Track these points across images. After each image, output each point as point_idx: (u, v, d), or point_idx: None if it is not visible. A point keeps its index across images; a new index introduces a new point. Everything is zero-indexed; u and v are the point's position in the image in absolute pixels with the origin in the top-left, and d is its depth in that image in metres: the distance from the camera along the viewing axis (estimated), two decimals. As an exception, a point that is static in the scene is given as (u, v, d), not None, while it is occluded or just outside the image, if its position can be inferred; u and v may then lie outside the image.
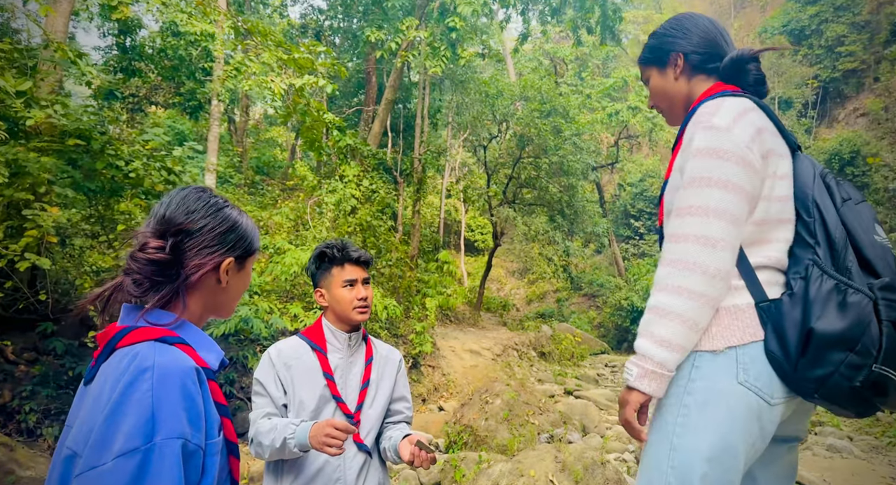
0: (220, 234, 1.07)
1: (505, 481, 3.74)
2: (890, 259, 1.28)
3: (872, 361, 1.18)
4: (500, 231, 17.78)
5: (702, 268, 1.28)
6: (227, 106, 15.81)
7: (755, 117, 1.37)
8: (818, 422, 8.41)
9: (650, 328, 1.32)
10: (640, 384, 1.31)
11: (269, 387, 1.77)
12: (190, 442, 0.90)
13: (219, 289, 1.09)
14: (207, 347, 1.04)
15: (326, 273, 1.87)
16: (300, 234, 11.17)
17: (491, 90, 15.27)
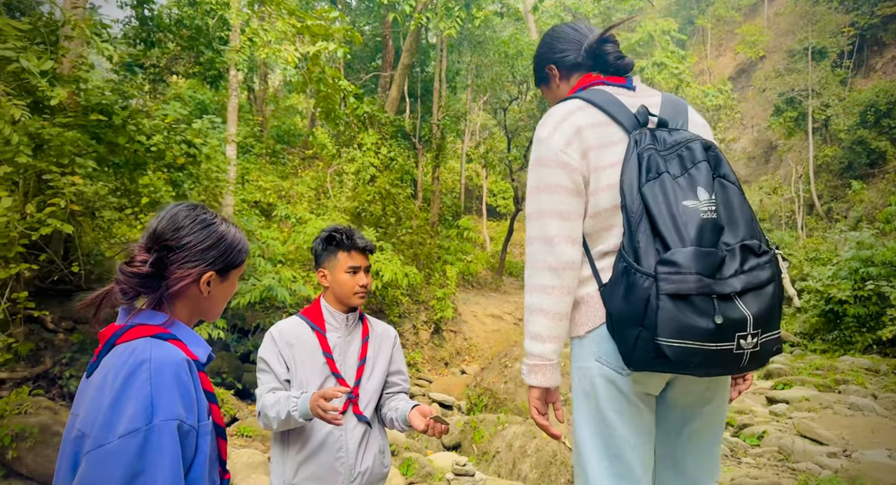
0: (203, 250, 1.16)
1: (518, 442, 3.85)
2: (691, 227, 1.29)
3: (655, 335, 1.25)
4: (522, 195, 17.66)
5: (546, 264, 1.44)
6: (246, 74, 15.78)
7: (576, 118, 1.49)
8: (842, 380, 8.36)
9: (527, 327, 1.47)
10: (531, 380, 1.46)
11: (273, 364, 1.89)
12: (185, 423, 1.02)
13: (202, 297, 1.19)
14: (196, 343, 1.16)
15: (332, 256, 1.96)
16: (321, 203, 11.29)
17: (510, 50, 14.91)
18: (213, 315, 1.26)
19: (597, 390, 1.42)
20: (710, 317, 1.24)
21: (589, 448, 1.43)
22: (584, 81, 1.63)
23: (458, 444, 5.59)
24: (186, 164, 6.25)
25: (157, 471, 0.95)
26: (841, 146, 20.06)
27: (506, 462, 3.78)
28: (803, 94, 20.67)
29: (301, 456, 1.85)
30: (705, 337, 1.24)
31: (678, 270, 1.25)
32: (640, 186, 1.36)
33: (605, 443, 1.41)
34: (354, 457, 1.88)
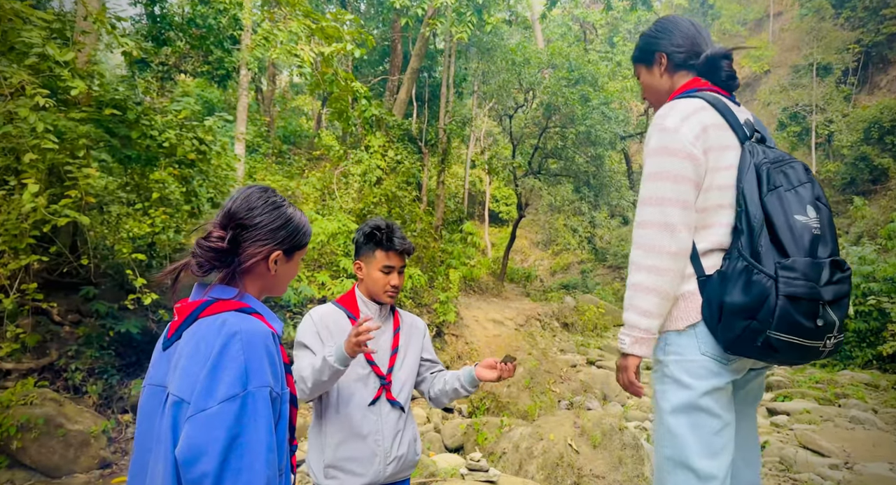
0: (273, 230, 1.25)
1: (525, 443, 3.87)
2: (805, 239, 1.50)
3: (768, 328, 1.45)
4: (525, 202, 17.70)
5: (665, 249, 1.56)
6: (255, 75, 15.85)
7: (703, 116, 1.62)
8: (843, 394, 8.37)
9: (634, 302, 1.59)
10: (634, 349, 1.59)
11: (313, 344, 1.93)
12: (273, 390, 1.12)
13: (269, 275, 1.27)
14: (273, 318, 1.25)
15: (370, 252, 2.00)
16: (327, 204, 11.32)
17: (518, 57, 14.99)
18: (279, 291, 1.35)
19: (697, 381, 1.56)
20: (814, 319, 1.46)
21: (686, 432, 1.57)
22: (694, 84, 1.74)
23: (461, 446, 5.60)
24: (197, 160, 6.28)
25: (254, 433, 1.04)
26: (843, 162, 20.13)
27: (512, 463, 3.80)
28: (807, 109, 20.78)
29: (339, 438, 1.90)
30: (808, 335, 1.47)
31: (797, 275, 1.46)
32: (761, 196, 1.54)
33: (702, 426, 1.56)
34: (391, 442, 1.94)
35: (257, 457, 1.04)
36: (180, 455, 1.03)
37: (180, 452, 1.03)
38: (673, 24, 1.82)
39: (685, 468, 1.57)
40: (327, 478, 1.89)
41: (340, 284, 8.50)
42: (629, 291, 1.61)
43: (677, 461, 1.59)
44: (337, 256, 9.36)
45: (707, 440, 1.56)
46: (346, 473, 1.88)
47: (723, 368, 1.58)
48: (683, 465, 1.57)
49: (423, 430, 6.47)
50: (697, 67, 1.76)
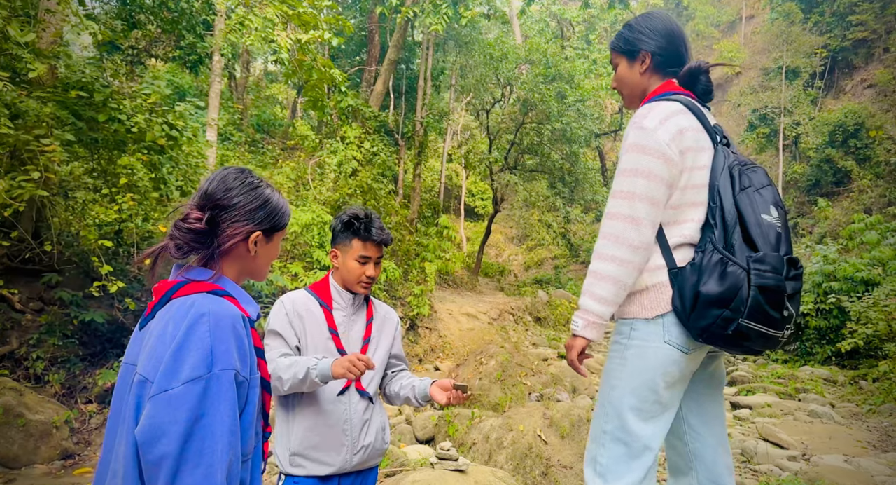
0: (252, 210, 1.24)
1: (495, 434, 3.90)
2: (772, 236, 1.62)
3: (741, 316, 1.56)
4: (501, 197, 17.77)
5: (628, 241, 1.64)
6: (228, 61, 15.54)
7: (680, 119, 1.70)
8: (803, 389, 8.64)
9: (591, 289, 1.67)
10: (585, 332, 1.68)
11: (285, 331, 1.90)
12: (240, 374, 1.11)
13: (249, 256, 1.27)
14: (247, 301, 1.24)
15: (347, 241, 1.98)
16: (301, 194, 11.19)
17: (496, 52, 15.01)
18: (260, 275, 1.34)
19: (658, 367, 1.66)
20: (780, 309, 1.58)
21: (629, 411, 1.68)
22: (669, 87, 1.83)
23: (432, 437, 5.62)
24: (167, 146, 6.13)
25: (217, 415, 1.04)
26: (809, 164, 20.70)
27: (482, 453, 3.83)
28: (776, 111, 21.29)
29: (306, 427, 1.88)
30: (773, 324, 1.58)
31: (767, 268, 1.56)
32: (734, 195, 1.65)
33: (647, 409, 1.67)
34: (359, 431, 1.93)
35: (219, 440, 1.03)
36: (140, 435, 1.02)
37: (140, 432, 1.02)
38: (663, 25, 1.87)
39: (621, 443, 1.68)
40: (293, 466, 1.87)
41: (314, 275, 8.43)
42: (589, 278, 1.69)
43: (615, 436, 1.69)
44: (311, 247, 9.27)
45: (649, 420, 1.68)
46: (312, 461, 1.86)
47: (682, 357, 1.67)
48: (620, 440, 1.68)
49: (395, 421, 6.47)
50: (676, 76, 1.84)
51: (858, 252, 12.86)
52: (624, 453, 1.67)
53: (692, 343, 1.67)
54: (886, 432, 6.13)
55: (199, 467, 1.00)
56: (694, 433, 1.83)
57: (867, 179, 18.66)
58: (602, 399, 1.76)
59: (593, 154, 22.39)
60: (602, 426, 1.74)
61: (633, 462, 1.67)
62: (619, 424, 1.69)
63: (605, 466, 1.70)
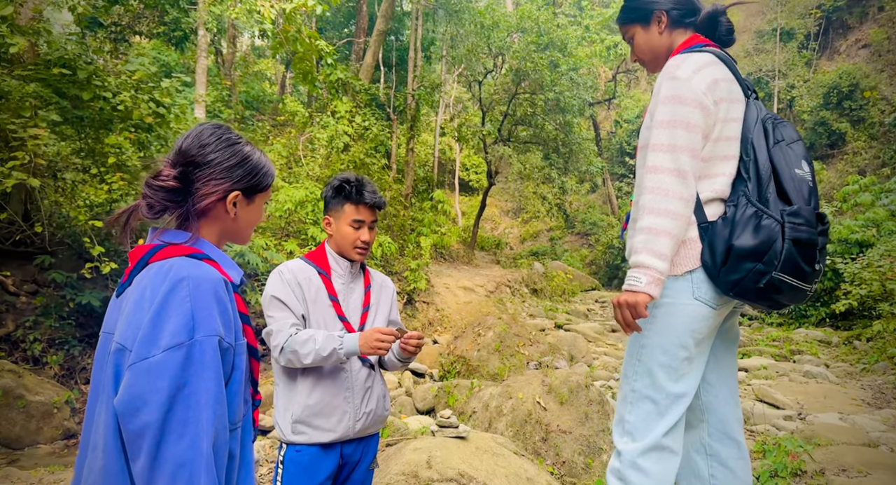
0: (228, 168, 1.17)
1: (494, 402, 3.94)
2: (804, 190, 1.62)
3: (774, 270, 1.56)
4: (495, 170, 17.66)
5: (678, 194, 1.61)
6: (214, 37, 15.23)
7: (713, 70, 1.68)
8: (797, 351, 8.75)
9: (650, 245, 1.61)
10: (650, 289, 1.61)
11: (288, 300, 1.87)
12: (224, 340, 1.05)
13: (229, 218, 1.20)
14: (229, 265, 1.18)
15: (339, 206, 1.95)
16: (293, 171, 11.08)
17: (486, 21, 14.73)
18: (241, 238, 1.27)
19: (688, 324, 1.66)
20: (812, 263, 1.59)
21: (659, 367, 1.68)
22: (696, 40, 1.80)
23: (432, 408, 5.68)
24: (154, 124, 6.03)
25: (201, 383, 0.99)
26: (804, 127, 20.58)
27: (482, 421, 3.87)
28: (770, 74, 21.08)
29: (308, 394, 1.88)
30: (804, 278, 1.59)
31: (802, 222, 1.57)
32: (768, 148, 1.65)
33: (675, 367, 1.67)
34: (361, 398, 1.94)
35: (205, 408, 0.98)
36: (120, 405, 0.97)
37: (120, 402, 0.97)
38: None
39: (650, 401, 1.68)
40: (295, 434, 1.87)
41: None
42: (643, 235, 1.63)
43: (644, 394, 1.70)
44: (305, 223, 9.22)
45: (679, 378, 1.68)
46: (314, 428, 1.87)
47: (711, 313, 1.67)
48: (649, 398, 1.69)
49: (395, 394, 6.53)
50: (695, 24, 1.82)
51: (852, 214, 12.89)
52: (652, 410, 1.69)
53: (721, 299, 1.67)
54: (880, 389, 6.22)
55: (183, 437, 0.96)
56: (707, 386, 1.84)
57: (861, 141, 18.60)
58: (630, 358, 1.76)
59: (587, 124, 22.22)
60: (631, 385, 1.74)
61: (661, 420, 1.68)
62: (650, 381, 1.69)
63: (632, 424, 1.71)
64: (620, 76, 23.81)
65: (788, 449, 3.70)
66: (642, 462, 1.67)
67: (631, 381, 1.74)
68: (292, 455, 1.87)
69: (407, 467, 2.65)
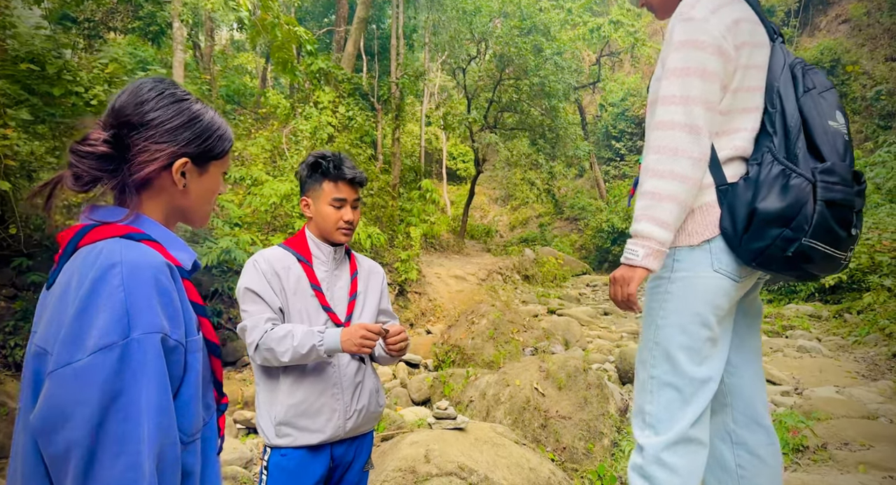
0: (172, 129, 0.96)
1: (492, 390, 3.88)
2: (839, 144, 1.42)
3: (804, 236, 1.37)
4: (482, 157, 17.56)
5: (688, 153, 1.40)
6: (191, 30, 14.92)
7: (733, 9, 1.47)
8: (789, 326, 8.79)
9: (651, 212, 1.43)
10: (648, 262, 1.44)
11: (264, 292, 1.71)
12: (169, 337, 0.86)
13: (178, 192, 0.99)
14: (177, 246, 0.98)
15: (316, 185, 1.79)
16: (277, 164, 10.90)
17: (468, 6, 14.56)
18: (196, 217, 1.06)
19: (708, 299, 1.47)
20: (848, 227, 1.40)
21: (679, 350, 1.50)
22: None
23: (428, 399, 5.61)
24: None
25: (140, 391, 0.80)
26: (788, 105, 20.65)
27: (480, 410, 3.81)
28: (754, 54, 21.08)
29: (292, 393, 1.72)
30: (838, 244, 1.40)
31: (836, 180, 1.36)
32: (797, 98, 1.44)
33: (701, 347, 1.49)
34: (350, 394, 1.78)
35: (146, 420, 0.80)
36: (37, 421, 0.78)
37: (37, 417, 0.78)
38: None
39: (672, 388, 1.51)
40: (279, 437, 1.71)
41: (297, 245, 8.28)
42: (644, 200, 1.44)
43: (665, 381, 1.52)
44: (292, 217, 9.08)
45: (702, 361, 1.51)
46: (300, 430, 1.71)
47: (733, 286, 1.50)
48: (671, 385, 1.51)
49: (389, 385, 6.46)
50: None
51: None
52: (675, 398, 1.50)
53: (743, 270, 1.49)
54: (873, 361, 6.24)
55: (119, 457, 0.77)
56: (731, 368, 1.67)
57: (845, 118, 18.71)
58: (646, 342, 1.58)
59: (573, 108, 22.14)
60: (649, 372, 1.55)
61: (686, 408, 1.49)
62: (670, 367, 1.51)
63: (654, 415, 1.53)
64: (604, 59, 23.72)
65: (789, 425, 3.67)
66: (668, 457, 1.48)
67: (649, 367, 1.56)
68: (277, 460, 1.72)
69: (404, 463, 2.56)
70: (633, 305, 1.52)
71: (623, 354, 6.18)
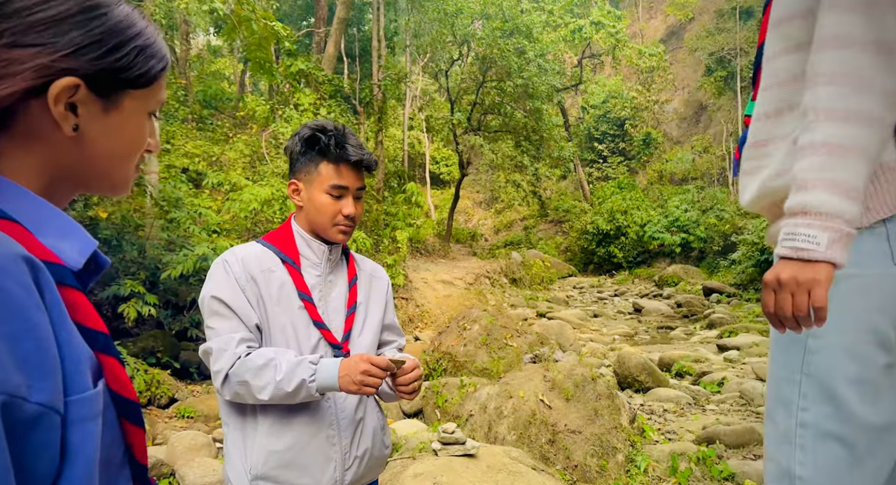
0: (47, 23, 0.54)
1: (493, 403, 3.63)
2: None
3: None
4: (467, 160, 17.38)
5: (879, 84, 0.91)
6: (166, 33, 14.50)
7: None
8: (784, 327, 8.70)
9: (829, 174, 0.92)
10: (835, 253, 0.91)
11: (236, 303, 1.29)
12: (24, 400, 0.45)
13: (65, 139, 0.57)
14: (59, 231, 0.57)
15: (311, 166, 1.36)
16: (257, 169, 10.57)
17: (450, 7, 14.38)
18: (104, 183, 0.64)
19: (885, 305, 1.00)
20: None
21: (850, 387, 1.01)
22: None
23: (420, 410, 5.33)
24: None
25: None
26: (768, 105, 20.82)
27: (481, 425, 3.55)
28: (732, 52, 21.23)
29: (275, 437, 1.30)
30: None
31: None
32: None
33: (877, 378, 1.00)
34: (350, 436, 1.37)
35: None
36: None
37: None
38: None
39: (835, 440, 1.03)
40: None
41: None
42: (815, 156, 0.94)
43: (825, 430, 1.04)
44: (273, 223, 8.75)
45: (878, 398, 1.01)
46: None
47: None
48: (834, 436, 1.03)
49: (380, 397, 6.17)
50: None
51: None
52: (842, 457, 1.02)
53: None
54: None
55: None
56: None
57: (825, 116, 18.90)
58: (786, 373, 1.10)
59: (555, 110, 22.10)
60: (797, 417, 1.07)
61: (858, 472, 1.01)
62: (832, 409, 1.02)
63: (809, 480, 1.05)
64: (586, 61, 23.73)
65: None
66: None
67: (795, 410, 1.07)
68: None
69: (406, 494, 2.28)
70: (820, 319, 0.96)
71: (621, 358, 5.98)
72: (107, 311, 6.53)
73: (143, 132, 0.66)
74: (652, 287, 15.94)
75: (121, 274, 6.10)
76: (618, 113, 24.70)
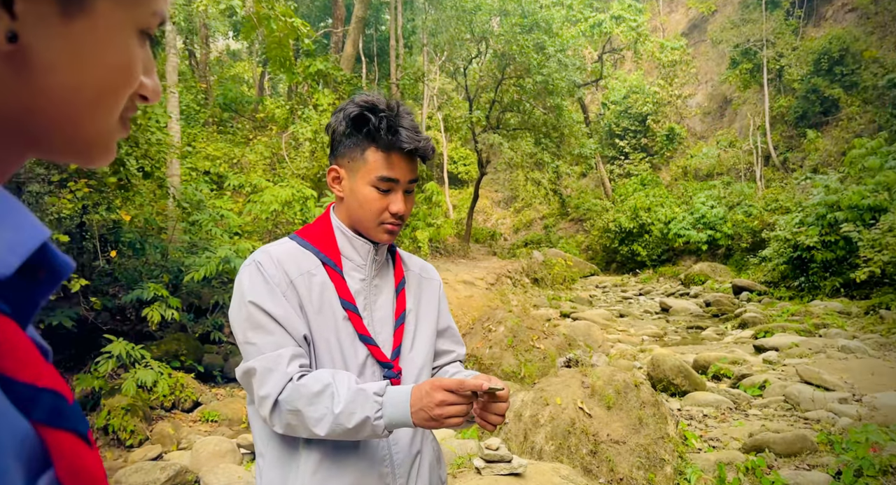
0: None
1: (528, 411, 3.45)
2: None
3: None
4: (485, 159, 17.18)
5: None
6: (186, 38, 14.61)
7: None
8: (821, 324, 8.35)
9: None
10: None
11: (278, 311, 1.06)
12: None
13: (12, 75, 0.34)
14: None
15: (356, 151, 1.12)
16: (277, 171, 10.53)
17: (468, 4, 14.20)
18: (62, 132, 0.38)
19: None
20: None
21: None
22: None
23: (450, 416, 5.18)
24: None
25: None
26: (795, 96, 20.26)
27: (516, 434, 3.38)
28: (758, 44, 20.70)
29: (319, 476, 1.07)
30: None
31: None
32: None
33: None
34: (407, 470, 1.15)
35: None
36: None
37: None
38: None
39: None
40: None
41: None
42: None
43: None
44: (294, 225, 8.67)
45: None
46: None
47: None
48: None
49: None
50: None
51: (860, 179, 12.52)
52: None
53: None
54: (926, 361, 5.81)
55: None
56: None
57: (855, 106, 18.29)
58: None
59: (575, 107, 21.79)
60: None
61: None
62: None
63: None
64: (606, 56, 23.36)
65: (869, 441, 3.23)
66: None
67: None
68: None
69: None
70: None
71: (655, 361, 5.75)
72: (130, 315, 6.50)
73: (130, 58, 0.39)
74: (678, 286, 15.58)
75: (144, 277, 6.06)
76: (639, 108, 24.27)
